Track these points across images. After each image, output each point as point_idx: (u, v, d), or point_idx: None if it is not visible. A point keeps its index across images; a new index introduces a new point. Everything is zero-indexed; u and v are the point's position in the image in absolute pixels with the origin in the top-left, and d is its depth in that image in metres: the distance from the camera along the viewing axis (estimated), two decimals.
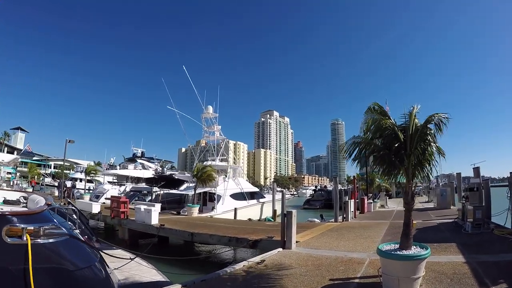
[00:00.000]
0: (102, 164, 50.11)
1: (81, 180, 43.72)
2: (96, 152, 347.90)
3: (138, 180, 33.96)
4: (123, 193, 27.41)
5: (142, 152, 48.37)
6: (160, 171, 35.84)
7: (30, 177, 52.28)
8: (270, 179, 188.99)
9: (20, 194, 11.24)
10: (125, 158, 47.88)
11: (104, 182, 35.92)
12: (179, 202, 23.69)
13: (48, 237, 4.57)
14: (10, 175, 46.66)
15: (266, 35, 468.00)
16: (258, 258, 7.69)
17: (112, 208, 16.75)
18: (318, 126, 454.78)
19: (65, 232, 4.98)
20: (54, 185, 45.82)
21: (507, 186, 11.53)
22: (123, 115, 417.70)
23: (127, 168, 38.47)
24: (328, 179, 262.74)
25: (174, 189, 25.69)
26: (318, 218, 20.00)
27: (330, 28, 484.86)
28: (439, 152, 5.52)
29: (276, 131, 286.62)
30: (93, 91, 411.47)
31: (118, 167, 41.08)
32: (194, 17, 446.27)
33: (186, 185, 26.38)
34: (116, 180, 36.60)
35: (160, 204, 20.39)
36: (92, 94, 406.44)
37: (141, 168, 39.60)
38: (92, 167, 38.47)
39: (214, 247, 13.71)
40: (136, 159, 44.07)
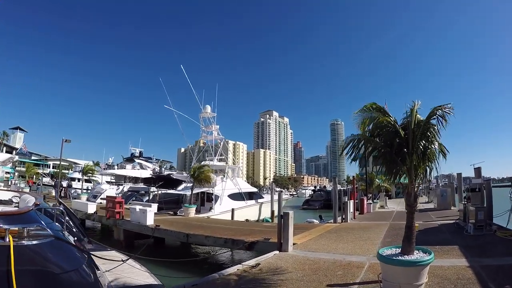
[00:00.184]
0: (101, 164, 49.87)
1: (79, 180, 43.49)
2: (96, 152, 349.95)
3: (136, 180, 33.74)
4: (121, 193, 27.20)
5: (140, 151, 48.21)
6: (158, 171, 35.58)
7: (28, 176, 52.06)
8: (270, 179, 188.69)
9: (12, 194, 11.01)
10: (123, 158, 47.67)
11: (102, 182, 35.70)
12: (177, 202, 23.44)
13: (32, 238, 4.35)
14: (8, 175, 46.50)
15: (266, 35, 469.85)
16: (253, 262, 7.44)
17: (108, 208, 16.54)
18: (318, 126, 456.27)
19: (50, 233, 4.79)
20: (51, 185, 45.63)
21: (510, 187, 11.35)
22: (123, 115, 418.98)
23: (125, 168, 38.29)
24: (327, 179, 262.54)
25: (172, 189, 25.44)
26: (317, 219, 19.81)
27: (330, 28, 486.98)
28: (441, 151, 5.28)
29: (276, 131, 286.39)
30: (93, 91, 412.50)
31: (116, 167, 40.85)
32: (194, 17, 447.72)
33: (184, 185, 26.11)
34: (114, 180, 36.43)
35: (157, 204, 20.20)
36: (92, 94, 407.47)
37: (139, 168, 39.41)
38: (89, 167, 38.23)
39: (212, 248, 13.44)
40: (134, 159, 43.88)
